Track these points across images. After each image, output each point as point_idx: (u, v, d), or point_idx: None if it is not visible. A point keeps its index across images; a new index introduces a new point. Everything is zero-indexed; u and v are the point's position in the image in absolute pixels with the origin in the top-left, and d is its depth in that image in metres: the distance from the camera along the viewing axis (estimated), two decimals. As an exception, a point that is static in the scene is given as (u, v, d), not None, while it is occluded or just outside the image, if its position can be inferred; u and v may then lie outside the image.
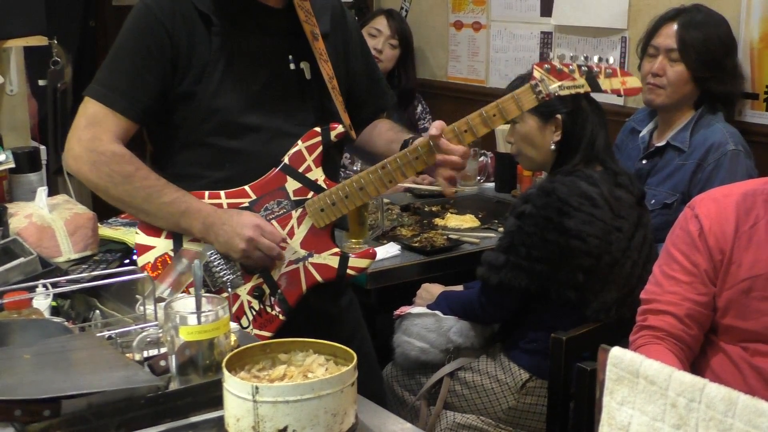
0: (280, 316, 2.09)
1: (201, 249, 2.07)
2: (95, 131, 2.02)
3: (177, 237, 2.09)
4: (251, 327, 2.07)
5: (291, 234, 2.09)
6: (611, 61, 2.11)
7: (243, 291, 2.09)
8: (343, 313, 2.27)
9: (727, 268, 1.98)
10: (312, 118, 2.11)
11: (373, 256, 2.16)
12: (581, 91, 2.07)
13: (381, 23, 4.02)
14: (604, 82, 2.07)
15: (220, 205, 2.06)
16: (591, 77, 2.06)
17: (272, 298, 2.09)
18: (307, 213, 2.09)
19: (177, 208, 2.02)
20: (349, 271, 2.11)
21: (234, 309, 2.07)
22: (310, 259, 2.10)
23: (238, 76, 2.06)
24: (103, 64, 2.08)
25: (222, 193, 2.08)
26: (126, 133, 2.05)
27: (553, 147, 2.56)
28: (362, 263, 2.13)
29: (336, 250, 2.11)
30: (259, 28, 2.09)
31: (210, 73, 2.04)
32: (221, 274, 2.08)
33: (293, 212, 2.09)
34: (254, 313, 2.08)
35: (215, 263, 2.07)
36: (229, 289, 2.07)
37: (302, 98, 2.12)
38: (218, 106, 2.05)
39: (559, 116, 2.54)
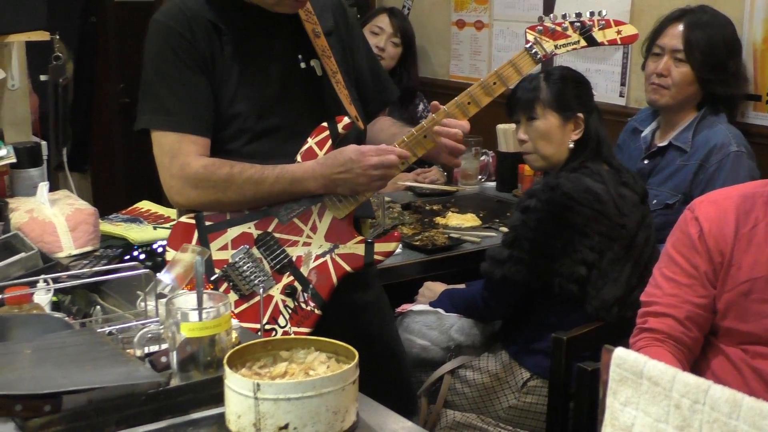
0: (316, 311, 2.09)
1: (229, 257, 2.09)
2: (180, 160, 2.04)
3: (204, 247, 2.10)
4: (289, 325, 2.08)
5: (314, 229, 2.10)
6: (604, 13, 2.09)
7: (276, 291, 2.09)
8: (372, 307, 2.28)
9: (726, 270, 1.98)
10: (326, 114, 2.13)
11: (398, 239, 2.18)
12: (578, 47, 2.08)
13: (383, 21, 4.01)
14: (598, 35, 2.08)
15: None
16: (585, 32, 2.07)
17: (305, 294, 2.09)
18: (326, 206, 2.10)
19: (284, 182, 2.05)
20: (376, 257, 2.12)
21: (270, 310, 2.08)
22: (337, 251, 2.11)
23: (252, 81, 2.08)
24: (147, 91, 2.10)
25: None
26: (205, 149, 2.07)
27: (571, 145, 2.56)
28: (388, 247, 2.14)
29: (360, 238, 2.12)
30: (265, 32, 2.11)
31: (225, 80, 2.07)
32: (252, 277, 2.09)
33: (313, 207, 2.11)
34: (290, 311, 2.09)
35: (244, 267, 2.09)
36: (261, 291, 2.07)
37: (315, 95, 2.15)
38: (236, 112, 2.07)
39: (580, 115, 2.55)
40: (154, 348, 1.59)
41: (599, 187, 2.46)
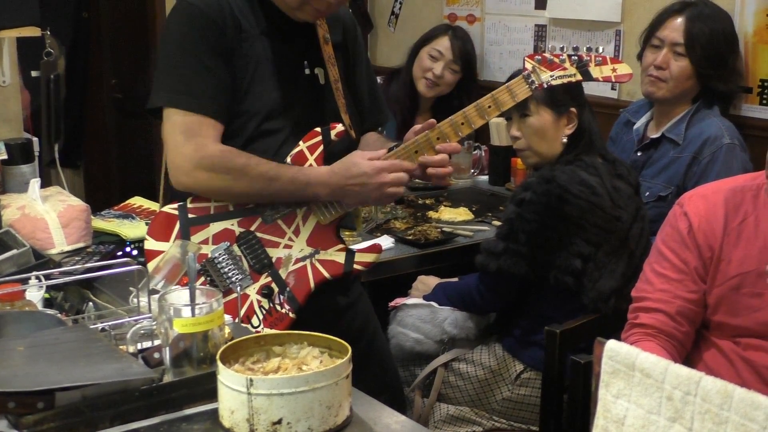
0: (290, 314, 2.09)
1: (209, 252, 2.08)
2: (197, 141, 2.01)
3: (185, 239, 2.10)
4: (262, 326, 2.08)
5: (297, 232, 2.10)
6: (601, 50, 2.13)
7: (252, 291, 2.09)
8: (352, 308, 2.27)
9: (716, 265, 1.99)
10: (323, 122, 2.13)
11: (379, 250, 2.18)
12: (573, 80, 2.10)
13: (443, 44, 3.79)
14: (594, 71, 2.10)
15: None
16: (581, 66, 2.09)
17: (281, 297, 2.09)
18: (311, 211, 2.10)
19: (298, 184, 2.05)
20: (355, 266, 2.13)
21: (244, 309, 2.08)
22: (317, 256, 2.11)
23: (261, 82, 2.08)
24: (168, 70, 2.07)
25: None
26: (221, 136, 2.05)
27: (564, 140, 2.56)
28: (369, 257, 2.15)
29: (342, 246, 2.12)
30: (280, 35, 2.12)
31: (240, 78, 2.07)
32: (230, 274, 2.08)
33: (298, 210, 2.10)
34: (264, 312, 2.09)
35: (223, 263, 2.08)
36: (238, 289, 2.07)
37: (315, 103, 2.16)
38: (242, 111, 2.08)
39: (573, 109, 2.55)
40: (147, 344, 1.59)
41: (594, 179, 2.47)
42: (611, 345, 1.37)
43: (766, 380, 1.95)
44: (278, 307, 2.09)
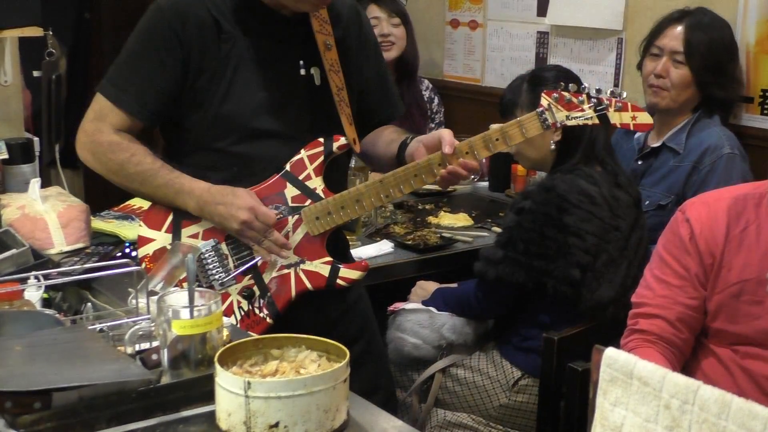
0: (268, 320, 2.09)
1: (199, 245, 2.08)
2: (98, 125, 2.10)
3: (176, 231, 2.12)
4: (238, 327, 2.07)
5: (286, 239, 2.09)
6: (624, 95, 2.04)
7: (233, 291, 2.10)
8: (350, 311, 2.26)
9: (717, 271, 1.99)
10: (318, 124, 2.12)
11: (365, 268, 2.16)
12: (589, 123, 2.03)
13: (374, 11, 3.87)
14: (613, 116, 2.02)
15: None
16: (600, 110, 2.02)
17: (261, 301, 2.10)
18: (302, 220, 2.10)
19: (171, 189, 2.07)
20: (339, 281, 2.11)
21: (223, 307, 2.06)
22: (302, 266, 2.10)
23: (246, 82, 2.07)
24: (116, 62, 2.14)
25: None
26: (129, 128, 2.11)
27: (552, 147, 2.56)
28: (353, 274, 2.13)
29: (328, 259, 2.11)
30: (271, 34, 2.10)
31: (218, 79, 2.06)
32: (213, 271, 2.09)
33: (289, 218, 2.10)
34: (242, 313, 2.10)
35: (209, 260, 2.09)
36: (219, 287, 2.07)
37: (310, 104, 2.13)
38: (226, 112, 2.07)
39: None
40: (145, 345, 1.59)
41: (593, 189, 2.47)
42: (609, 353, 1.36)
43: (764, 390, 1.95)
44: (257, 311, 2.09)
